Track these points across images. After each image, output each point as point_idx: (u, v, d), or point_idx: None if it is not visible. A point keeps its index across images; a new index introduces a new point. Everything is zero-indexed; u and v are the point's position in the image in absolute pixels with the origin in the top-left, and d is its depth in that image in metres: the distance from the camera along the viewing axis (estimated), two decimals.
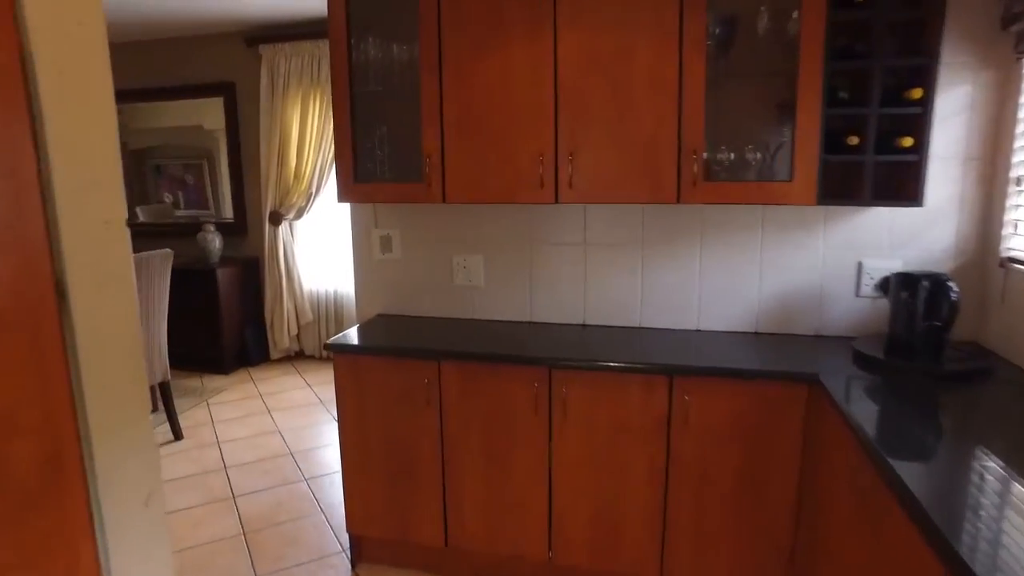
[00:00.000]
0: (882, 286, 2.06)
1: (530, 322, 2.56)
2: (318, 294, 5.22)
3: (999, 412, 1.64)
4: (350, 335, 2.41)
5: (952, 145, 2.09)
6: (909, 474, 1.22)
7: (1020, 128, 1.95)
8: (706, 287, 2.37)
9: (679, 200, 2.05)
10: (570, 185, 2.13)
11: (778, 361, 2.05)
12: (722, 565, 2.06)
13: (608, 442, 2.08)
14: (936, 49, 1.89)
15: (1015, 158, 1.96)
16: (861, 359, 2.00)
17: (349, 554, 2.57)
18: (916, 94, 1.90)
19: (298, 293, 5.17)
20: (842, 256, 2.25)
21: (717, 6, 2.01)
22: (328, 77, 4.56)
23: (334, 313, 5.20)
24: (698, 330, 2.40)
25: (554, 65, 2.08)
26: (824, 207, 2.22)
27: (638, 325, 2.46)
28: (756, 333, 2.35)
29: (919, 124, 1.92)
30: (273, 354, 5.21)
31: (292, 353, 5.29)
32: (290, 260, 5.13)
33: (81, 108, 0.99)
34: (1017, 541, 1.02)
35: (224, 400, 4.42)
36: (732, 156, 2.11)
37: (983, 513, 1.11)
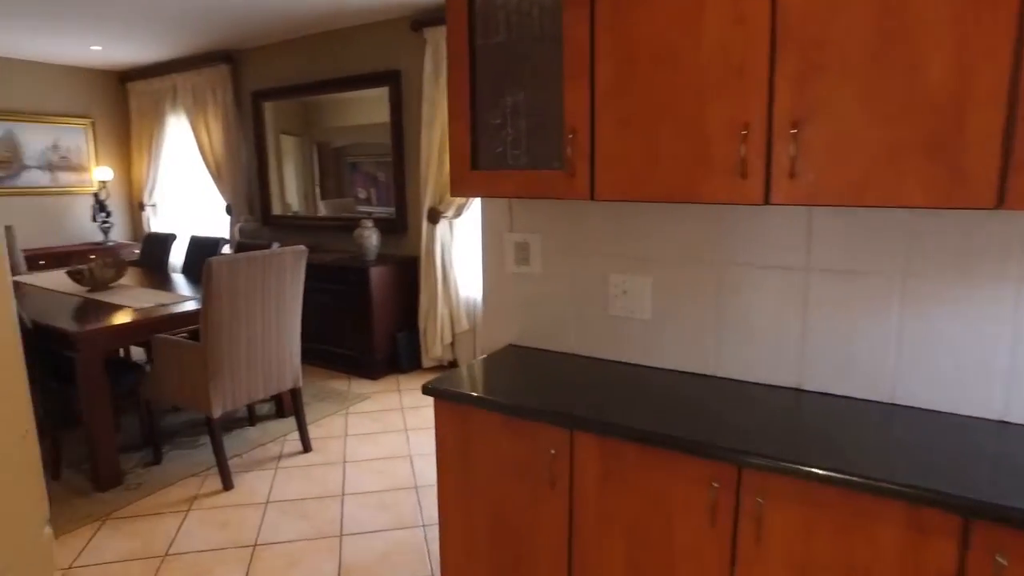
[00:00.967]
0: None
1: (714, 377, 1.77)
2: (476, 302, 4.76)
3: None
4: (460, 376, 1.81)
5: None
6: None
7: None
8: None
9: (1002, 203, 1.16)
10: (791, 175, 1.32)
11: None
12: None
13: None
14: None
15: None
16: None
17: None
18: None
19: (454, 299, 4.75)
20: None
21: None
22: None
23: None
24: (1004, 422, 1.45)
25: None
26: None
27: (890, 400, 1.56)
28: None
29: None
30: (425, 362, 4.85)
31: (445, 363, 4.89)
32: (447, 262, 4.73)
33: None
34: None
35: (365, 410, 4.10)
36: None
37: None
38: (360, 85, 5.00)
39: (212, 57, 5.76)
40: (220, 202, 6.07)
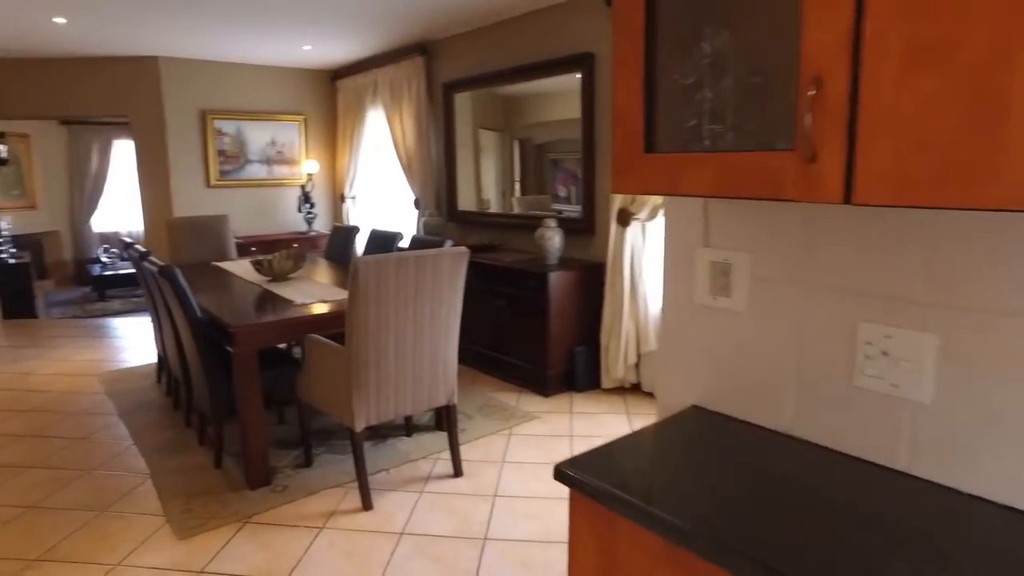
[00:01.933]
0: None
1: None
2: None
3: None
4: (612, 458, 1.23)
5: None
6: None
7: None
8: None
9: None
10: None
11: None
12: None
13: None
14: None
15: None
16: None
17: None
18: None
19: (642, 313, 4.13)
20: None
21: None
22: None
23: None
24: None
25: None
26: None
27: None
28: None
29: None
30: (604, 382, 4.29)
31: (627, 385, 4.29)
32: (637, 271, 4.12)
33: None
34: None
35: (530, 432, 3.66)
36: None
37: None
38: (550, 71, 4.56)
39: (409, 50, 5.72)
40: (411, 196, 6.04)
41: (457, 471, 3.12)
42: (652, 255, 4.11)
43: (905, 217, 1.11)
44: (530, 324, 4.28)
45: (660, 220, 3.98)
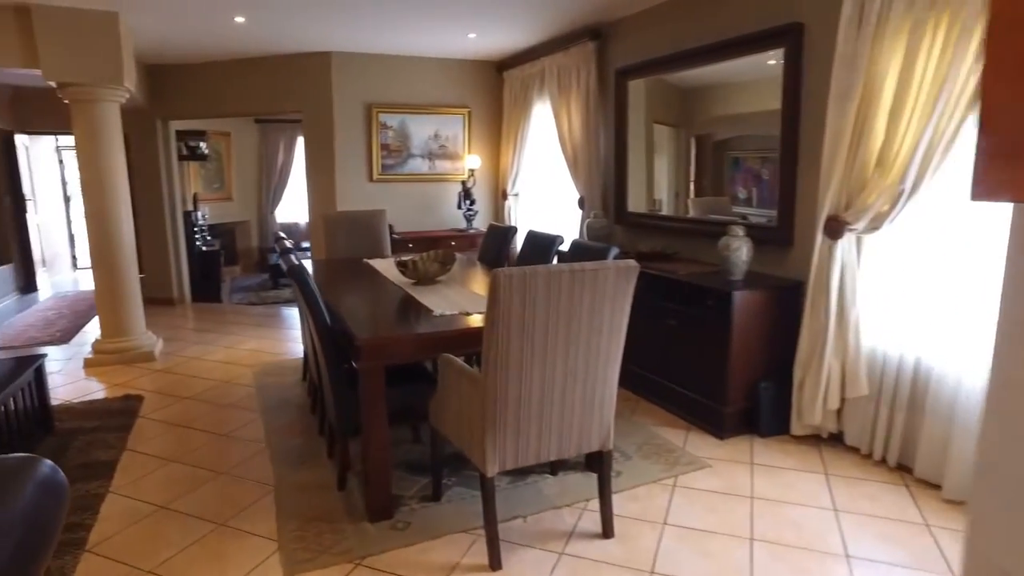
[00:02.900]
0: None
1: None
2: (884, 357, 3.20)
3: None
4: None
5: None
6: None
7: None
8: None
9: None
10: None
11: None
12: None
13: None
14: None
15: None
16: None
17: None
18: None
19: (852, 347, 3.26)
20: None
21: None
22: None
23: (908, 398, 3.08)
24: None
25: None
26: None
27: None
28: None
29: None
30: (795, 428, 3.47)
31: (824, 435, 3.44)
32: (847, 294, 3.26)
33: None
34: None
35: (700, 486, 2.98)
36: None
37: None
38: (744, 49, 3.80)
39: (579, 34, 5.19)
40: (574, 194, 5.52)
41: (607, 531, 2.54)
42: (868, 275, 3.23)
43: None
44: (706, 349, 3.57)
45: (885, 232, 3.10)
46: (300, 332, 4.83)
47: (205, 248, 7.85)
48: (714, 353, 3.51)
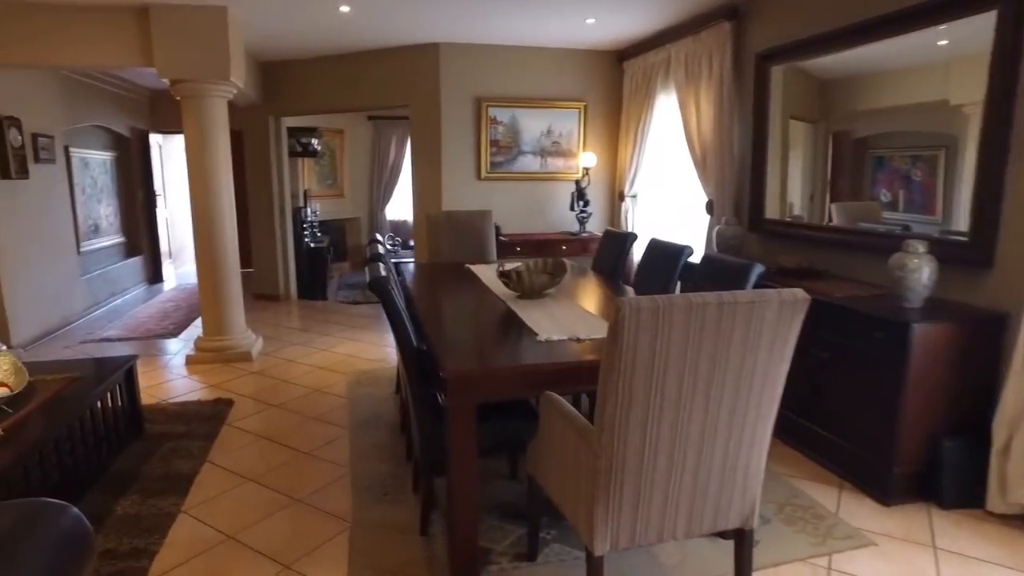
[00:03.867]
0: None
1: None
2: None
3: None
4: None
5: None
6: None
7: None
8: None
9: None
10: None
11: None
12: None
13: None
14: None
15: None
16: None
17: None
18: None
19: None
20: None
21: None
22: None
23: None
24: None
25: None
26: None
27: None
28: None
29: None
30: (994, 503, 2.71)
31: None
32: None
33: None
34: None
35: (860, 572, 2.32)
36: None
37: None
38: (937, 17, 3.05)
39: (712, 15, 4.55)
40: (701, 197, 4.89)
41: None
42: None
43: None
44: (869, 392, 2.88)
45: None
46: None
47: (313, 245, 7.84)
48: (880, 396, 2.82)
